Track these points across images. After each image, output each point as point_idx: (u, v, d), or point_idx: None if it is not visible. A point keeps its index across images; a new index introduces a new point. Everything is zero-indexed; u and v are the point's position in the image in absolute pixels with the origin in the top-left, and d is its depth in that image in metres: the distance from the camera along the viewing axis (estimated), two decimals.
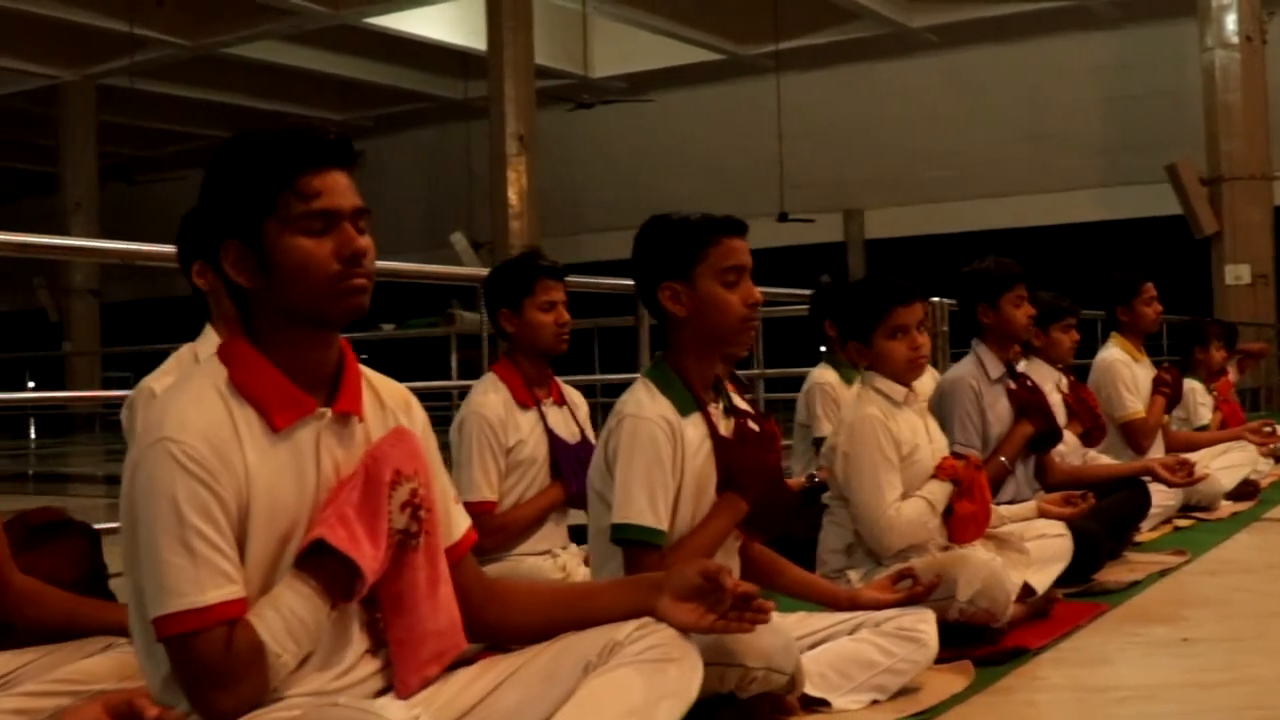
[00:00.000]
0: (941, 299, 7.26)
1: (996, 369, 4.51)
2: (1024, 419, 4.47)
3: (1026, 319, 4.55)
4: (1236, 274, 16.26)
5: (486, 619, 2.16)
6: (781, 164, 23.38)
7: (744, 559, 2.93)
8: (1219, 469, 6.08)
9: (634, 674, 1.98)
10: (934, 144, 23.54)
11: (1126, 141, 21.61)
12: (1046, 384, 4.90)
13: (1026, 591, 3.52)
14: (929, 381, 4.84)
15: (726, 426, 2.81)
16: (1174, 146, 17.77)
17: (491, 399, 3.84)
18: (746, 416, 2.87)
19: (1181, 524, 5.62)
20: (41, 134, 26.19)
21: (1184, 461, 4.97)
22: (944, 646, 2.92)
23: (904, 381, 3.51)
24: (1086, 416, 5.25)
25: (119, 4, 20.11)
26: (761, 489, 2.79)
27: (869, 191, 25.05)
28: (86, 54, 23.05)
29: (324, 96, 26.58)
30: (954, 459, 3.52)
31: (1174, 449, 5.98)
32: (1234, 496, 6.25)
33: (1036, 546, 3.72)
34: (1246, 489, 6.42)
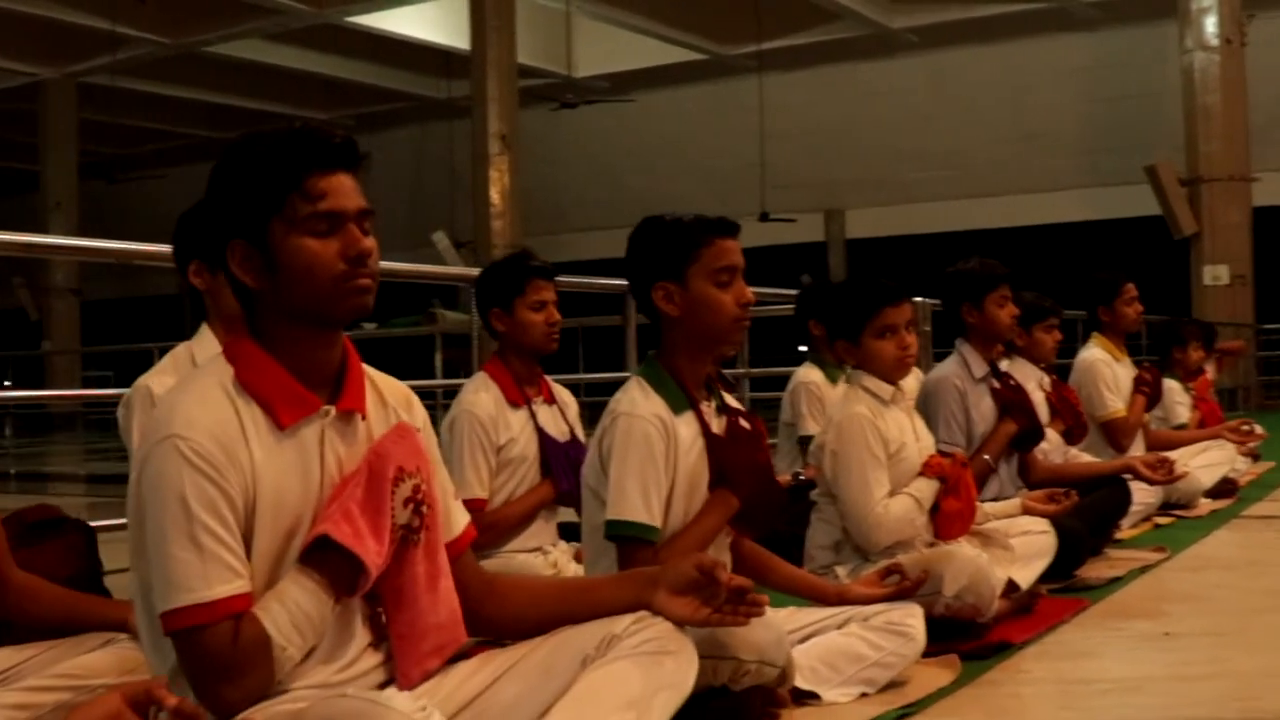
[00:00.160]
0: (924, 299, 7.32)
1: (980, 368, 4.57)
2: (1007, 417, 4.54)
3: (1010, 319, 4.61)
4: (1215, 274, 16.37)
5: (485, 613, 2.20)
6: (763, 164, 23.44)
7: (735, 555, 2.97)
8: (1198, 467, 6.15)
9: (631, 666, 2.02)
10: (915, 144, 23.62)
11: (1107, 142, 21.71)
12: (1029, 383, 4.96)
13: (1011, 587, 3.57)
14: (912, 381, 4.89)
15: (718, 425, 2.85)
16: (1154, 147, 17.88)
17: (483, 397, 3.88)
18: (738, 414, 2.91)
19: (1161, 521, 5.69)
20: (21, 132, 26.08)
21: (1164, 460, 5.04)
22: (931, 641, 2.96)
23: (891, 380, 3.56)
24: (1069, 415, 5.31)
25: (101, 1, 20.05)
26: (753, 486, 2.83)
27: (850, 192, 25.12)
28: (67, 51, 22.97)
29: (306, 95, 26.53)
30: (940, 457, 3.57)
31: (1154, 447, 6.05)
32: (1213, 494, 6.33)
33: (1021, 543, 3.77)
34: (1225, 487, 6.50)
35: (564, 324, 4.03)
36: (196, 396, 1.94)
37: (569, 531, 4.09)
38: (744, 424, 2.90)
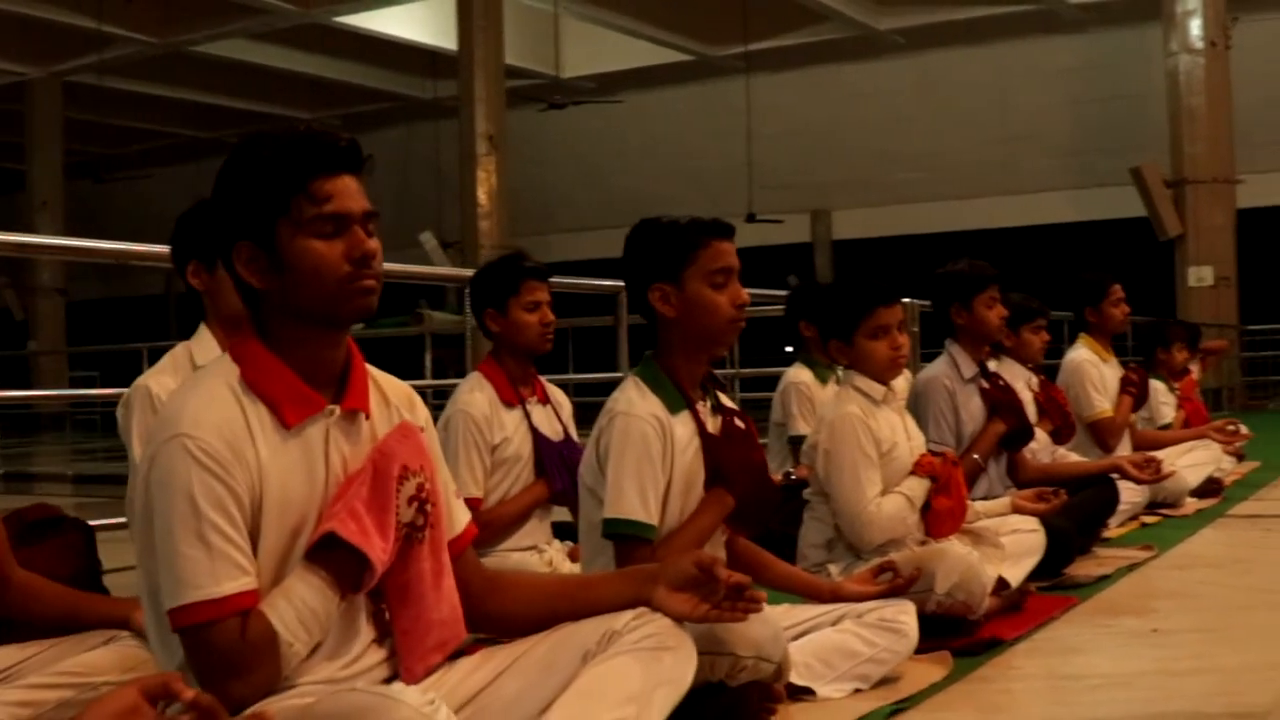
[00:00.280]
0: (912, 300, 7.35)
1: (970, 368, 4.62)
2: (996, 417, 4.59)
3: (999, 320, 4.66)
4: (1199, 276, 16.44)
5: (486, 609, 2.23)
6: (750, 165, 23.48)
7: (730, 553, 3.00)
8: (1184, 467, 6.20)
9: (632, 662, 2.05)
10: (902, 145, 23.67)
11: (1093, 144, 21.79)
12: (1017, 383, 5.00)
13: (1001, 585, 3.61)
14: (901, 382, 4.93)
15: (714, 424, 2.89)
16: (1139, 149, 17.96)
17: (477, 397, 3.91)
18: (732, 414, 2.95)
19: (1148, 520, 5.74)
20: (7, 131, 25.99)
21: (1151, 459, 5.09)
22: (923, 638, 3.00)
23: (883, 380, 3.60)
24: (1056, 415, 5.36)
25: (87, 1, 20.01)
26: (748, 485, 2.87)
27: (837, 192, 25.15)
28: (53, 51, 22.91)
29: (293, 95, 26.49)
30: (931, 456, 3.61)
31: (1140, 447, 6.10)
32: (1199, 494, 6.38)
33: (1011, 541, 3.81)
34: (1211, 486, 6.54)
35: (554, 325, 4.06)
36: (203, 396, 1.97)
37: (562, 530, 4.12)
38: (738, 423, 2.94)
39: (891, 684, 2.90)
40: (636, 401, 2.79)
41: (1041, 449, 5.14)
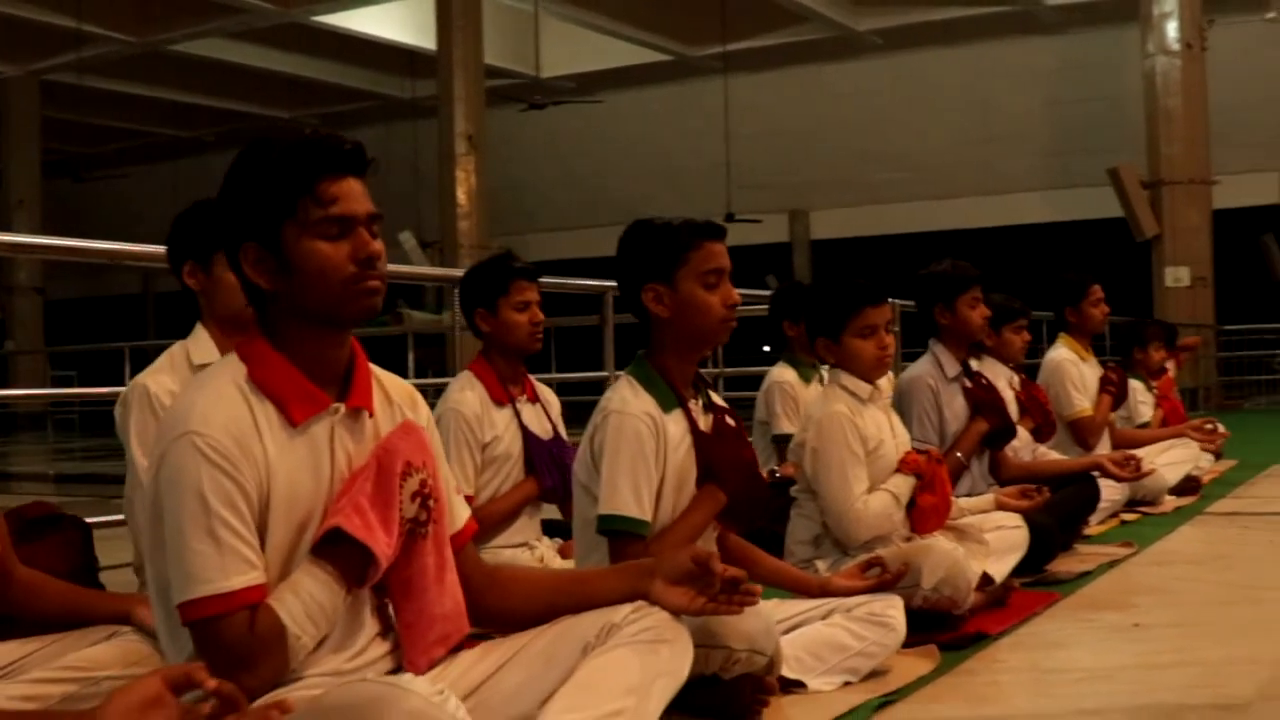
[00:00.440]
0: (892, 300, 7.40)
1: (953, 368, 4.68)
2: (979, 416, 4.65)
3: (982, 320, 4.72)
4: (1176, 276, 16.58)
5: (487, 604, 2.26)
6: (729, 164, 23.55)
7: (721, 549, 3.04)
8: (1163, 465, 6.26)
9: (631, 654, 2.10)
10: (880, 146, 23.79)
11: (1070, 145, 21.94)
12: (999, 382, 5.06)
13: (985, 580, 3.66)
14: (885, 381, 4.98)
15: (706, 422, 2.94)
16: (1116, 150, 18.10)
17: (468, 396, 3.95)
18: (724, 412, 3.00)
19: (1128, 518, 5.81)
20: None
21: (1131, 457, 5.16)
22: (909, 632, 3.06)
23: (870, 379, 3.66)
24: (1038, 413, 5.42)
25: None
26: (739, 482, 2.92)
27: (815, 192, 25.27)
28: (32, 49, 22.87)
29: (272, 94, 26.48)
30: (916, 454, 3.66)
31: (1120, 446, 6.16)
32: (1177, 492, 6.45)
33: (994, 538, 3.86)
34: (1189, 484, 6.62)
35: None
36: (212, 394, 2.00)
37: (550, 528, 4.17)
38: (729, 421, 2.99)
39: (880, 677, 2.95)
40: (630, 400, 2.83)
41: (1023, 447, 5.20)
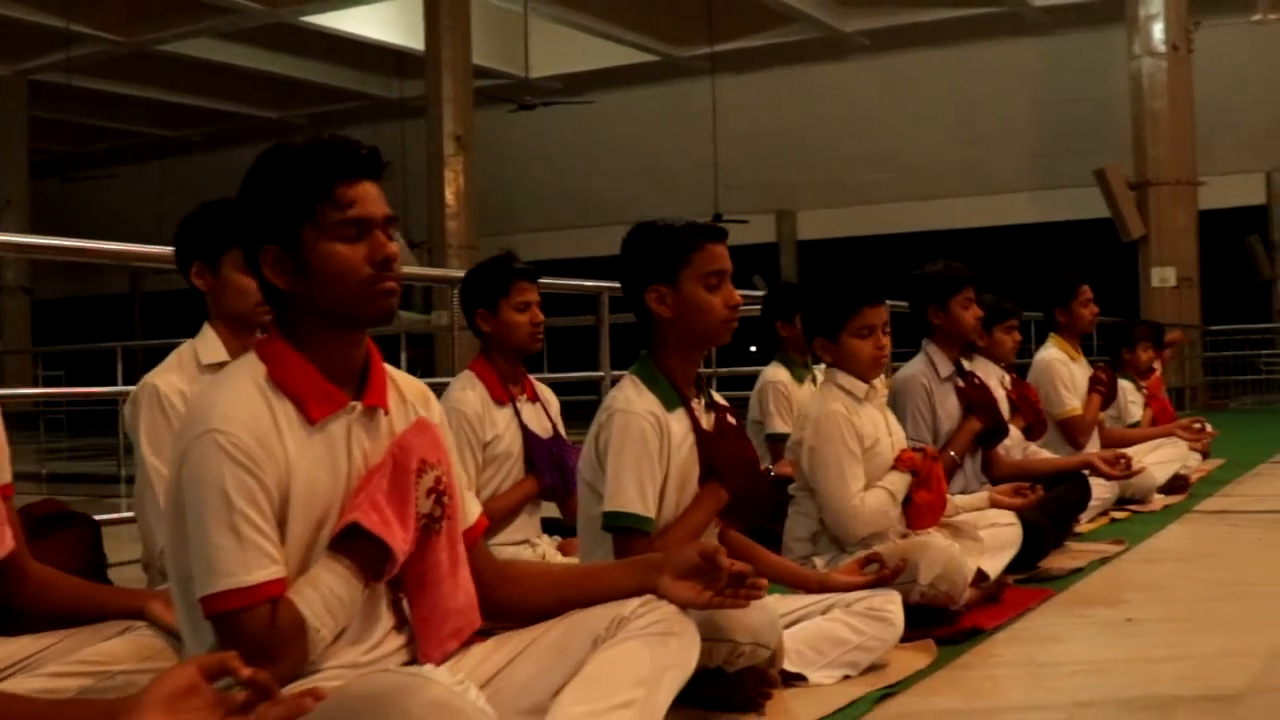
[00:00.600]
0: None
1: (946, 368, 4.74)
2: (972, 415, 4.71)
3: (975, 320, 4.78)
4: (1162, 276, 16.67)
5: (498, 598, 2.31)
6: (716, 165, 23.61)
7: (722, 545, 3.10)
8: (1152, 464, 6.31)
9: (640, 646, 2.15)
10: (867, 147, 23.87)
11: (1057, 146, 22.03)
12: (990, 381, 5.12)
13: (980, 576, 3.72)
14: (879, 381, 5.04)
15: (708, 421, 2.99)
16: (1103, 151, 18.20)
17: (469, 395, 3.99)
18: (725, 411, 3.05)
19: (1118, 516, 5.88)
20: None
21: (1122, 456, 5.23)
22: (907, 627, 3.12)
23: (866, 379, 3.71)
24: (1029, 412, 5.48)
25: None
26: (741, 480, 2.97)
27: (802, 193, 25.34)
28: (20, 49, 22.83)
29: (259, 94, 26.47)
30: (912, 452, 3.72)
31: (1109, 445, 6.23)
32: (1166, 490, 6.52)
33: (989, 534, 3.92)
34: (1177, 483, 6.69)
35: None
36: (232, 393, 2.05)
37: (550, 526, 4.22)
38: (731, 420, 3.05)
39: (879, 670, 3.01)
40: (634, 399, 2.88)
41: (1014, 445, 5.26)
